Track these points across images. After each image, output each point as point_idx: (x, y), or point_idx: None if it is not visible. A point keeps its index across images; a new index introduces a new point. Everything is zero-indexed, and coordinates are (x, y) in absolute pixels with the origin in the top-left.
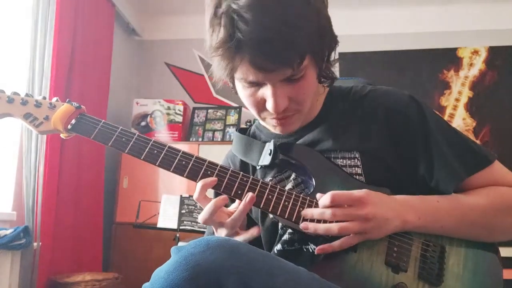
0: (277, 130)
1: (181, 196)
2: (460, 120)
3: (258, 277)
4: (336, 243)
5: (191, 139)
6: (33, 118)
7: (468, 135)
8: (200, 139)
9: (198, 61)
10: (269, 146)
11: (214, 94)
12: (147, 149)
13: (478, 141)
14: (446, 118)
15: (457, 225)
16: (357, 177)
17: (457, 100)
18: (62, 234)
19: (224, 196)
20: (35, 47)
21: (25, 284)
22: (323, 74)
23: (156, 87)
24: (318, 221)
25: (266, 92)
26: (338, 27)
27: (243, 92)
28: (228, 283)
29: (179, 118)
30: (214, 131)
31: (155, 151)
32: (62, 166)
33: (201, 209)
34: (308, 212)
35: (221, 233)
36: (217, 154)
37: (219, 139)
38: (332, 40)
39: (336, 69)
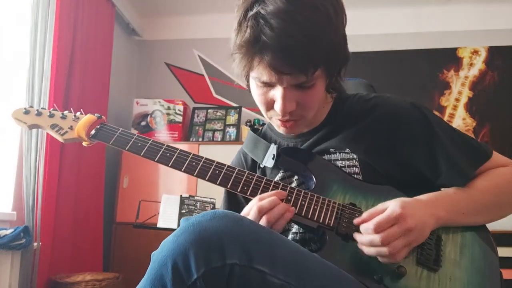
0: (280, 130)
1: (181, 196)
2: (460, 120)
3: (260, 246)
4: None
5: (191, 139)
6: (59, 128)
7: (468, 134)
8: (200, 139)
9: (198, 61)
10: (273, 150)
11: (214, 94)
12: (160, 152)
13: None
14: (446, 118)
15: (475, 211)
16: (355, 176)
17: (457, 100)
18: (62, 234)
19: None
20: (35, 47)
21: (25, 284)
22: (332, 85)
23: (156, 87)
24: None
25: (277, 93)
26: None
27: (255, 91)
28: (230, 248)
29: (179, 118)
30: (214, 131)
31: (168, 154)
32: (62, 166)
33: (201, 209)
34: (357, 238)
35: None
36: (217, 154)
37: (219, 139)
38: (345, 57)
39: None
